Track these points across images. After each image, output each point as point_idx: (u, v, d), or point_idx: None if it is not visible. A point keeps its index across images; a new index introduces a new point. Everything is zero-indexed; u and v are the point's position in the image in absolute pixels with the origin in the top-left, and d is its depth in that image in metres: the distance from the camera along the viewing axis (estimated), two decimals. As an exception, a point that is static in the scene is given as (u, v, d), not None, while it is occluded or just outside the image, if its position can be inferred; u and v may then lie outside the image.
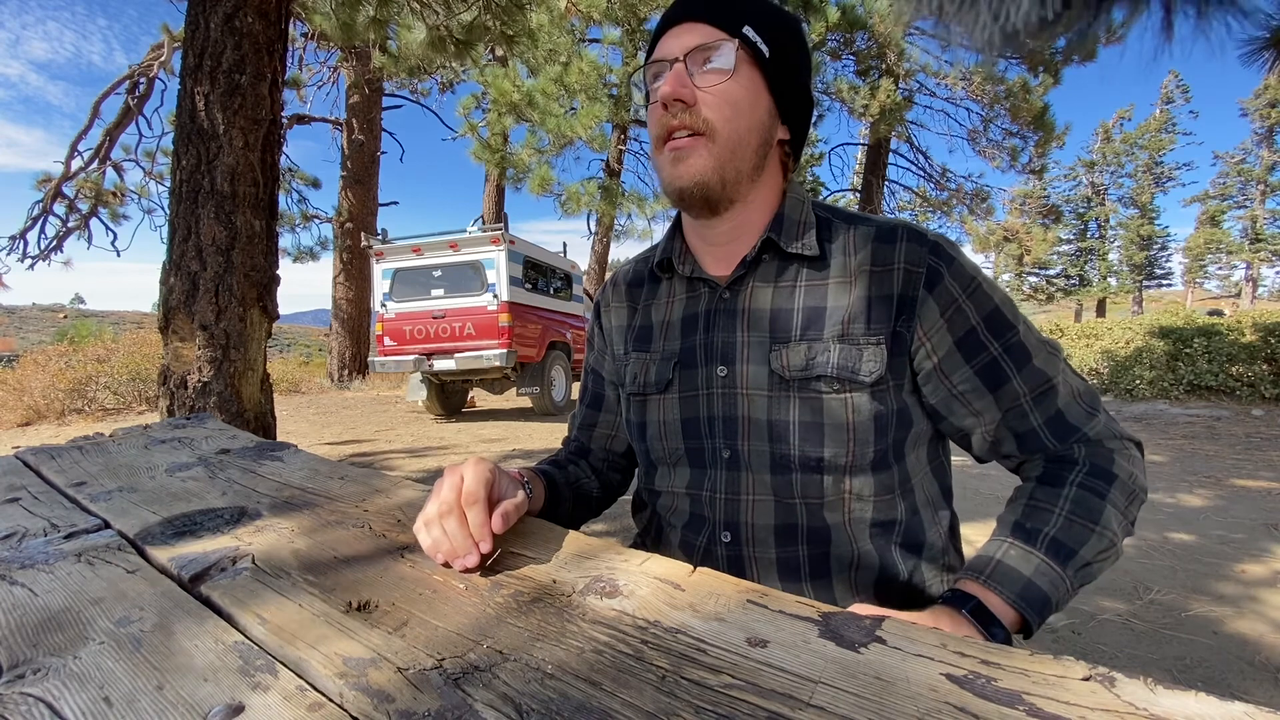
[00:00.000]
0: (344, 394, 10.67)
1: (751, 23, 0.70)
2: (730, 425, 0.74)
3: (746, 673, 0.39)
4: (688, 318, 0.81)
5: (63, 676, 0.40)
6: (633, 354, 0.86)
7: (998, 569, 0.61)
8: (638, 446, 0.86)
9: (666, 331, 0.83)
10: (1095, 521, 0.62)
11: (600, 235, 13.24)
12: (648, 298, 0.87)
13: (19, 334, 57.36)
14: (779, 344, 0.72)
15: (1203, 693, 0.35)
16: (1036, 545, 0.62)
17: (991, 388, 0.69)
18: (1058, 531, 0.62)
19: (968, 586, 0.62)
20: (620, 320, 0.90)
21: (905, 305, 0.69)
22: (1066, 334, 9.16)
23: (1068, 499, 0.64)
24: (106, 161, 10.41)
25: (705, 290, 0.80)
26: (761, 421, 0.72)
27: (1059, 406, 0.69)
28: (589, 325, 0.97)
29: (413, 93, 15.36)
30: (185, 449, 0.99)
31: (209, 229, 2.44)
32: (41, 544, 0.62)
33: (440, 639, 0.44)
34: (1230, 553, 2.62)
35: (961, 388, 0.70)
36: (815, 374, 0.70)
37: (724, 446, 0.75)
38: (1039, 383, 0.69)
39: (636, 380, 0.83)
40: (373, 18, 4.32)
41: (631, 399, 0.85)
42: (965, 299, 0.69)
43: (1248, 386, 6.55)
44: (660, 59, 0.73)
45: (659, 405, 0.81)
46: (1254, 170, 38.61)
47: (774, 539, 0.73)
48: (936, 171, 13.29)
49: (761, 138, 0.73)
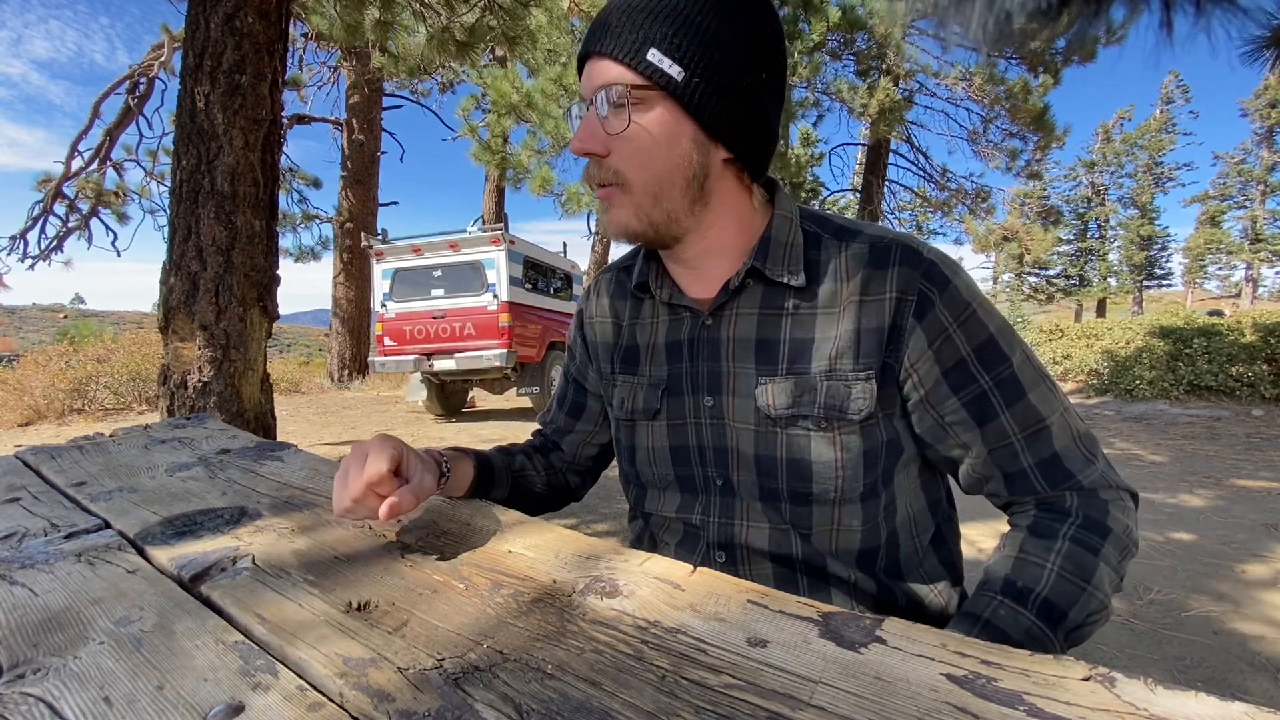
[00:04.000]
0: (344, 394, 10.67)
1: (657, 43, 0.61)
2: (721, 455, 0.73)
3: (746, 673, 0.39)
4: (671, 343, 0.77)
5: (63, 676, 0.40)
6: (620, 376, 0.82)
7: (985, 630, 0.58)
8: (626, 469, 0.84)
9: (652, 356, 0.79)
10: (1087, 580, 0.59)
11: (600, 235, 13.24)
12: (632, 316, 0.83)
13: (19, 334, 57.37)
14: (765, 377, 0.69)
15: (1203, 693, 0.35)
16: (1028, 607, 0.58)
17: (979, 422, 0.65)
18: (1049, 592, 0.59)
19: None
20: (605, 336, 0.86)
21: (894, 335, 0.65)
22: (1066, 334, 9.17)
23: (1060, 554, 0.60)
24: (107, 161, 10.41)
25: (687, 315, 0.75)
26: (749, 455, 0.70)
27: (1054, 449, 0.64)
28: (570, 333, 0.94)
29: (413, 93, 15.36)
30: (185, 449, 0.99)
31: (209, 229, 2.45)
32: (41, 544, 0.62)
33: (440, 639, 0.44)
34: (1230, 553, 2.62)
35: (949, 419, 0.66)
36: (801, 413, 0.67)
37: (716, 475, 0.73)
38: (1031, 421, 0.64)
39: (624, 405, 0.81)
40: (377, 19, 4.32)
41: (620, 423, 0.83)
42: (956, 328, 0.64)
43: (1248, 387, 6.55)
44: (582, 98, 0.68)
45: (648, 431, 0.79)
46: (1254, 170, 38.61)
47: (770, 561, 0.72)
48: (936, 172, 13.29)
49: (687, 174, 0.66)
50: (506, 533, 0.63)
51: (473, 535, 0.63)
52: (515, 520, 0.66)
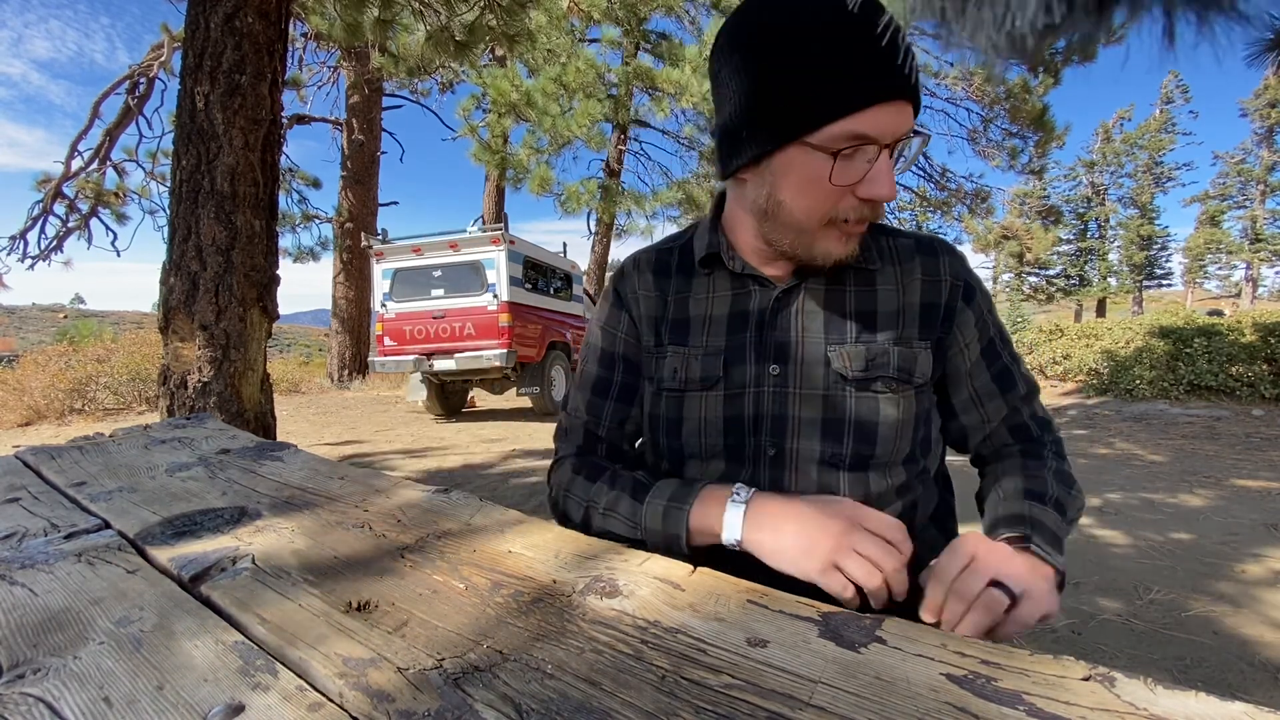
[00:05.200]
0: (344, 394, 10.67)
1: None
2: (779, 424, 0.75)
3: (746, 673, 0.39)
4: (735, 314, 0.79)
5: (63, 676, 0.40)
6: (670, 347, 0.82)
7: (1035, 526, 0.67)
8: (666, 442, 0.82)
9: (710, 327, 0.80)
10: (1070, 487, 0.75)
11: (600, 235, 13.23)
12: (679, 290, 0.84)
13: (19, 334, 57.37)
14: (835, 345, 0.75)
15: (1203, 693, 0.35)
16: (1047, 504, 0.70)
17: (1003, 390, 0.80)
18: (1058, 494, 0.72)
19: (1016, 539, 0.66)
20: (649, 310, 0.85)
21: (948, 314, 0.76)
22: (1066, 334, 9.16)
23: (1052, 471, 0.75)
24: (107, 161, 10.40)
25: (756, 288, 0.78)
26: (815, 420, 0.74)
27: (1037, 403, 0.82)
28: (605, 312, 0.89)
29: (413, 93, 15.35)
30: (185, 449, 0.99)
31: (209, 229, 2.44)
32: (41, 544, 0.62)
33: (440, 639, 0.44)
34: (1230, 553, 2.62)
35: (980, 390, 0.80)
36: (876, 374, 0.73)
37: (770, 445, 0.75)
38: (1029, 385, 0.82)
39: (677, 375, 0.80)
40: (377, 18, 4.32)
41: (667, 395, 0.82)
42: (987, 313, 0.79)
43: (1248, 386, 6.55)
44: (869, 138, 0.62)
45: (700, 402, 0.79)
46: (1254, 170, 38.60)
47: None
48: (936, 171, 13.29)
49: None
50: (506, 532, 0.63)
51: (473, 535, 0.63)
52: (515, 520, 0.66)
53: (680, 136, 12.45)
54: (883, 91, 0.61)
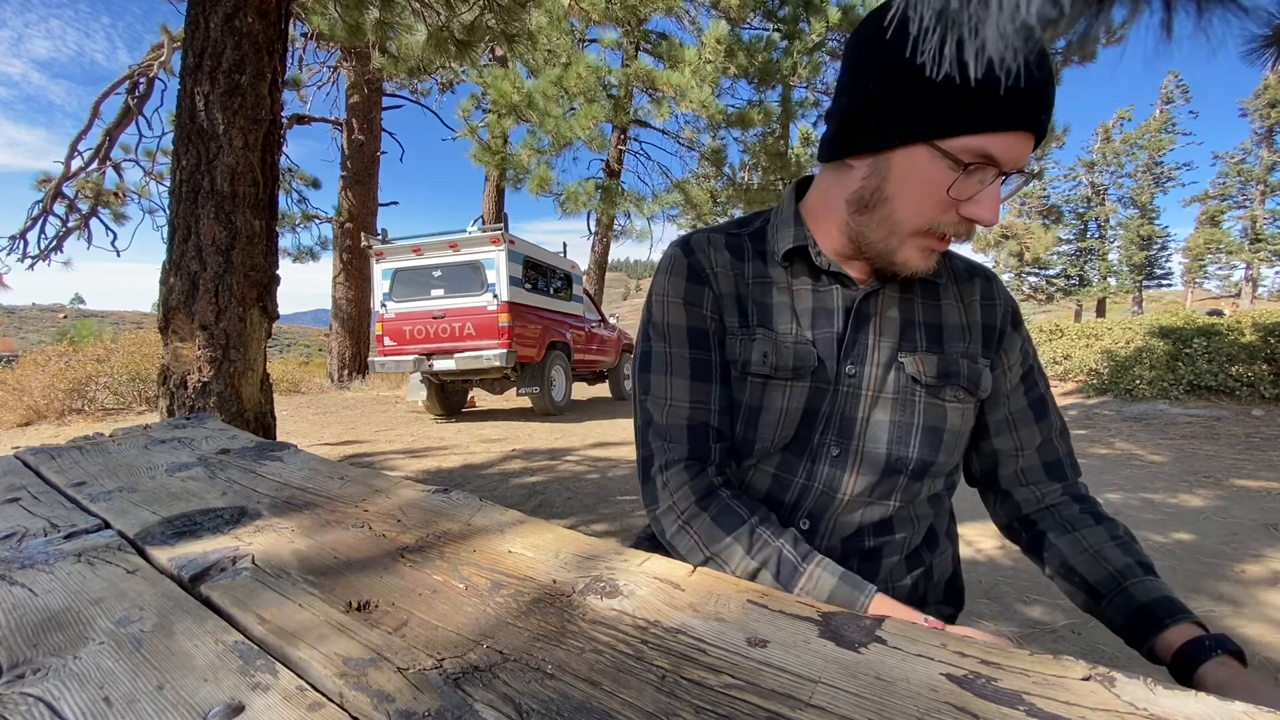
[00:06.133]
0: (344, 394, 10.67)
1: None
2: (847, 425, 0.75)
3: (746, 673, 0.39)
4: (820, 309, 0.77)
5: (63, 676, 0.40)
6: (758, 329, 0.77)
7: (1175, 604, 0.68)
8: (741, 432, 0.77)
9: (797, 317, 0.77)
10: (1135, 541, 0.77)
11: (600, 235, 13.23)
12: (757, 275, 0.79)
13: (19, 334, 57.37)
14: (906, 352, 0.76)
15: (1202, 693, 0.35)
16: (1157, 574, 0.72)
17: (1038, 418, 0.82)
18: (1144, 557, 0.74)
19: (1196, 631, 0.65)
20: (729, 289, 0.79)
21: (1001, 337, 0.80)
22: (1066, 334, 9.16)
23: (1124, 530, 0.78)
24: (106, 161, 10.40)
25: (838, 288, 0.77)
26: (882, 423, 0.75)
27: (1070, 443, 0.83)
28: (682, 288, 0.79)
29: (413, 93, 15.34)
30: (185, 449, 0.99)
31: (209, 229, 2.44)
32: (41, 544, 0.62)
33: (440, 639, 0.44)
34: (1230, 553, 2.62)
35: (1016, 414, 0.82)
36: (949, 382, 0.76)
37: (835, 444, 0.76)
38: (1061, 422, 0.83)
39: (767, 360, 0.75)
40: (378, 19, 4.32)
41: (750, 380, 0.76)
42: (1027, 342, 0.83)
43: (1248, 386, 6.55)
44: (995, 160, 0.62)
45: (785, 391, 0.75)
46: (1254, 170, 38.61)
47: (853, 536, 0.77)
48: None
49: None
50: (506, 532, 0.63)
51: (473, 535, 0.63)
52: (515, 520, 0.66)
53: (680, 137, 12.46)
54: (1023, 120, 0.61)
